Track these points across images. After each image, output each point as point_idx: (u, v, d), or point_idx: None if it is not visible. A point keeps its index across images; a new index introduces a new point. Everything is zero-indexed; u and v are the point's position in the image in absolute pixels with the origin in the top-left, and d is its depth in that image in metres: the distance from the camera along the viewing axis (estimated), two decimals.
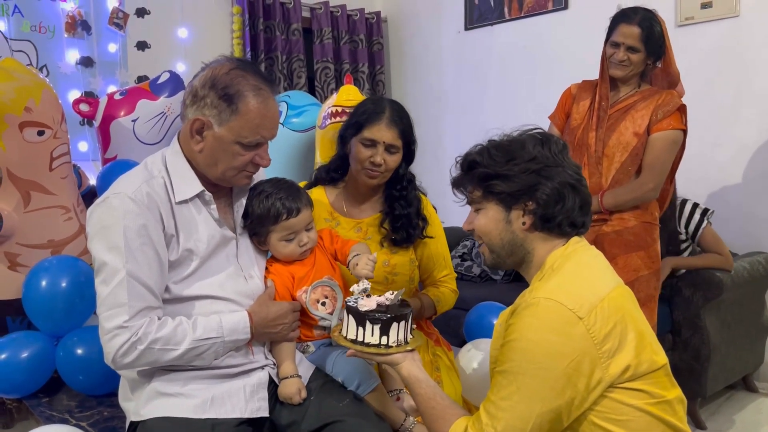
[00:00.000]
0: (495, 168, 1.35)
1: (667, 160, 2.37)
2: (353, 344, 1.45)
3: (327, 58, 4.74)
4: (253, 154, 1.52)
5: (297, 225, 1.63)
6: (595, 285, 1.28)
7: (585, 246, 1.38)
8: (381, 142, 1.86)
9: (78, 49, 3.76)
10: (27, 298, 1.92)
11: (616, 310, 1.25)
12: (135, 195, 1.45)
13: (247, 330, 1.54)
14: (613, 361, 1.22)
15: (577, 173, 1.36)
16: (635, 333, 1.26)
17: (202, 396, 1.49)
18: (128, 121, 2.38)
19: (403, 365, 1.43)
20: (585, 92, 2.51)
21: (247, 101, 1.47)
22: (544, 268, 1.33)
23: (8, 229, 1.96)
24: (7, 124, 1.92)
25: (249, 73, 1.50)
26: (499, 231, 1.37)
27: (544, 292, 1.25)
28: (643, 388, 1.24)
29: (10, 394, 1.92)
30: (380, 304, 1.47)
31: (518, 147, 1.35)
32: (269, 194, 1.62)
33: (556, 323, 1.21)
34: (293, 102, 2.66)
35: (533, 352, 1.21)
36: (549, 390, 1.20)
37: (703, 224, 2.96)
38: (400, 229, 1.93)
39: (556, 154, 1.35)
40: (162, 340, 1.43)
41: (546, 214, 1.32)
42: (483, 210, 1.39)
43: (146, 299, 1.43)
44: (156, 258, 1.45)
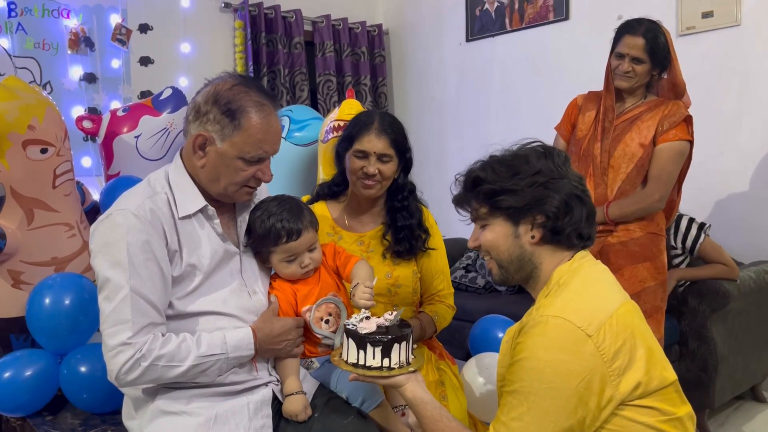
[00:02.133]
0: (500, 183, 1.34)
1: (673, 171, 2.36)
2: (355, 368, 1.44)
3: (329, 71, 4.76)
4: (255, 169, 1.52)
5: (297, 248, 1.62)
6: (603, 301, 1.27)
7: (591, 261, 1.37)
8: (372, 153, 1.87)
9: (81, 65, 3.79)
10: (30, 316, 1.92)
11: (625, 327, 1.24)
12: (138, 211, 1.45)
13: (251, 346, 1.53)
14: (624, 379, 1.20)
15: (581, 184, 1.35)
16: (645, 349, 1.24)
17: (205, 414, 1.49)
18: (131, 137, 2.39)
19: (406, 387, 1.42)
20: (591, 103, 2.51)
21: (250, 117, 1.47)
22: (550, 283, 1.32)
23: (11, 247, 1.96)
24: (11, 142, 1.92)
25: (252, 89, 1.51)
26: (508, 246, 1.36)
27: (552, 310, 1.24)
28: (653, 405, 1.22)
29: (14, 413, 1.91)
30: (380, 325, 1.46)
31: (522, 161, 1.35)
32: (271, 214, 1.61)
33: (566, 342, 1.20)
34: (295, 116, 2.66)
35: (543, 372, 1.20)
36: (560, 409, 1.19)
37: (700, 238, 2.94)
38: (403, 241, 1.92)
39: (560, 166, 1.34)
40: (166, 357, 1.42)
41: (555, 227, 1.32)
42: (489, 226, 1.38)
43: (150, 315, 1.42)
44: (159, 274, 1.45)
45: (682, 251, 2.98)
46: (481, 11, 4.51)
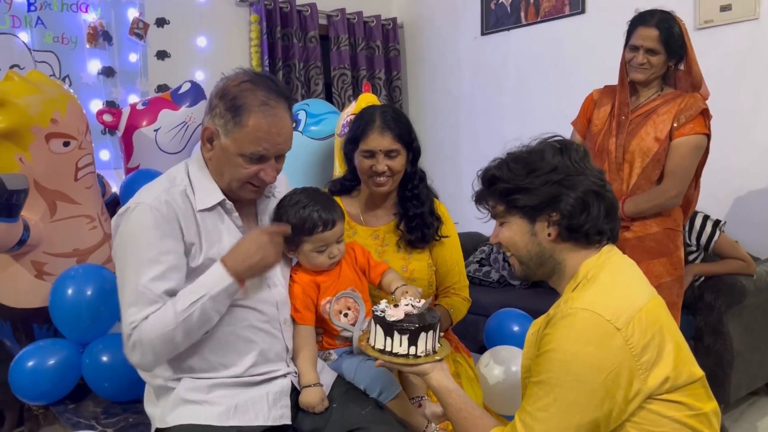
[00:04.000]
0: (515, 182, 1.34)
1: (690, 166, 2.35)
2: (381, 354, 1.46)
3: (344, 65, 4.77)
4: (258, 168, 1.53)
5: (330, 238, 1.65)
6: (632, 295, 1.27)
7: (618, 255, 1.37)
8: (379, 150, 1.88)
9: (100, 59, 3.82)
10: (53, 307, 1.96)
11: (654, 321, 1.24)
12: (154, 204, 1.48)
13: (225, 274, 1.48)
14: (652, 373, 1.21)
15: (601, 179, 1.35)
16: (673, 344, 1.25)
17: (226, 403, 1.51)
18: (150, 130, 2.42)
19: (432, 375, 1.43)
20: (606, 97, 2.50)
21: (251, 115, 1.48)
22: (577, 277, 1.32)
23: (35, 239, 2.00)
24: (34, 135, 1.96)
25: (260, 87, 1.50)
26: (525, 243, 1.37)
27: (580, 303, 1.24)
28: (681, 400, 1.23)
29: (37, 401, 1.96)
30: (408, 313, 1.47)
31: (538, 158, 1.35)
32: (306, 205, 1.63)
33: (594, 334, 1.21)
34: (312, 110, 2.68)
35: (571, 364, 1.21)
36: (587, 402, 1.19)
37: (716, 235, 2.93)
38: (415, 229, 1.94)
39: (577, 161, 1.34)
40: (154, 329, 1.44)
41: (571, 225, 1.31)
42: (507, 223, 1.39)
43: (155, 307, 1.45)
44: (175, 266, 1.48)
45: (696, 248, 2.97)
46: (496, 5, 4.50)
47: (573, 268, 1.34)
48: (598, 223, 1.32)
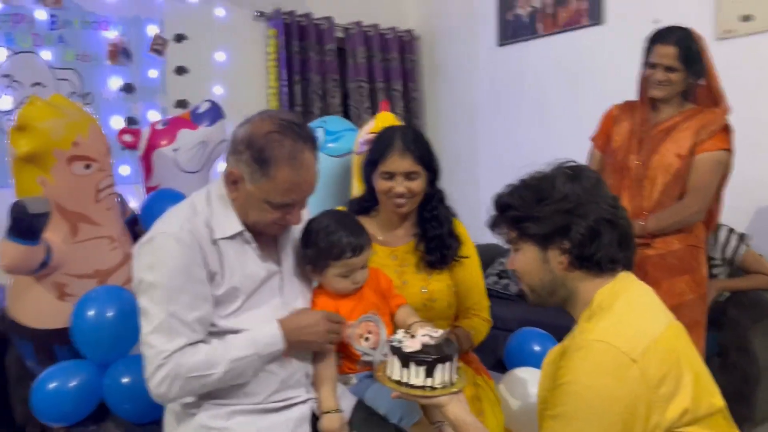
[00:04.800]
0: (526, 210, 1.33)
1: (712, 181, 2.32)
2: (398, 386, 1.45)
3: (361, 77, 4.77)
4: (284, 213, 1.54)
5: (357, 264, 1.65)
6: (648, 325, 1.25)
7: (634, 282, 1.35)
8: (398, 173, 1.87)
9: (120, 75, 3.87)
10: (75, 328, 1.97)
11: (670, 352, 1.22)
12: (178, 234, 1.49)
13: (280, 341, 1.54)
14: (671, 405, 1.19)
15: (614, 206, 1.33)
16: (692, 375, 1.22)
17: (246, 431, 1.51)
18: (170, 150, 2.44)
19: (449, 408, 1.42)
20: (626, 114, 2.48)
21: (279, 168, 1.47)
22: (592, 306, 1.31)
23: (57, 260, 2.02)
24: (56, 158, 1.98)
25: (287, 137, 1.49)
26: (538, 271, 1.35)
27: (595, 334, 1.23)
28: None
29: (59, 422, 1.97)
30: (425, 344, 1.45)
31: (549, 186, 1.33)
32: (335, 230, 1.63)
33: (609, 366, 1.19)
34: (330, 127, 2.69)
35: (586, 397, 1.19)
36: None
37: (741, 249, 2.89)
38: (435, 251, 1.93)
39: (588, 189, 1.32)
40: (198, 368, 1.45)
41: (582, 254, 1.30)
42: (520, 250, 1.38)
43: (186, 335, 1.46)
44: (200, 295, 1.48)
45: (721, 262, 2.93)
46: (514, 15, 4.48)
47: (587, 297, 1.32)
48: (610, 251, 1.30)
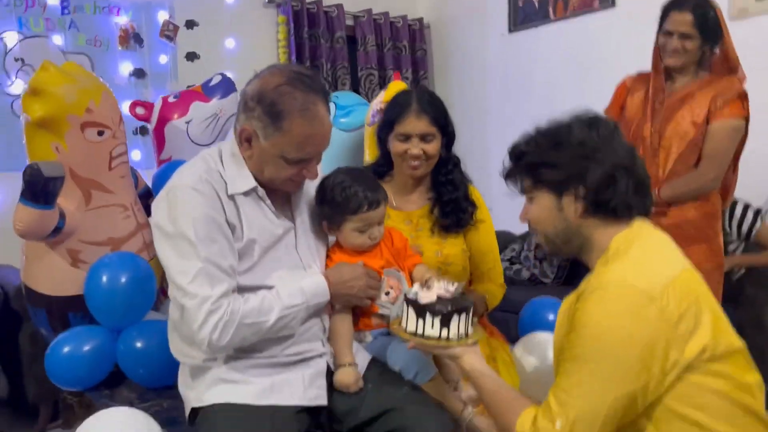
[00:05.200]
0: (542, 156, 1.32)
1: (728, 149, 2.30)
2: (413, 337, 1.44)
3: (371, 65, 4.78)
4: (300, 168, 1.53)
5: (374, 218, 1.64)
6: (665, 265, 1.24)
7: (650, 228, 1.33)
8: (414, 134, 1.86)
9: (131, 61, 3.89)
10: (89, 293, 1.97)
11: (689, 291, 1.21)
12: (197, 185, 1.48)
13: (326, 292, 1.56)
14: (690, 343, 1.17)
15: (631, 154, 1.31)
16: (711, 314, 1.21)
17: (262, 383, 1.51)
18: (182, 123, 2.44)
19: (464, 358, 1.41)
20: (640, 84, 2.46)
21: (292, 121, 1.46)
22: (608, 252, 1.29)
23: (70, 226, 2.02)
24: (70, 124, 1.98)
25: (298, 89, 1.48)
26: (552, 219, 1.34)
27: (612, 275, 1.22)
28: (721, 370, 1.19)
29: (73, 387, 1.97)
30: (441, 296, 1.45)
31: (565, 132, 1.32)
32: (351, 184, 1.62)
33: (627, 306, 1.17)
34: (341, 102, 2.68)
35: (605, 338, 1.17)
36: (623, 375, 1.16)
37: (757, 224, 2.86)
38: (450, 214, 1.92)
39: (605, 136, 1.30)
40: (253, 314, 1.46)
41: (598, 199, 1.28)
42: (535, 199, 1.36)
43: (226, 281, 1.45)
44: (227, 243, 1.47)
45: (737, 237, 2.90)
46: (524, 1, 4.47)
47: (602, 244, 1.30)
48: (626, 198, 1.29)
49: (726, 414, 1.19)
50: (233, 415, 1.45)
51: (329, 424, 1.59)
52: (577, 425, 1.18)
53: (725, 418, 1.18)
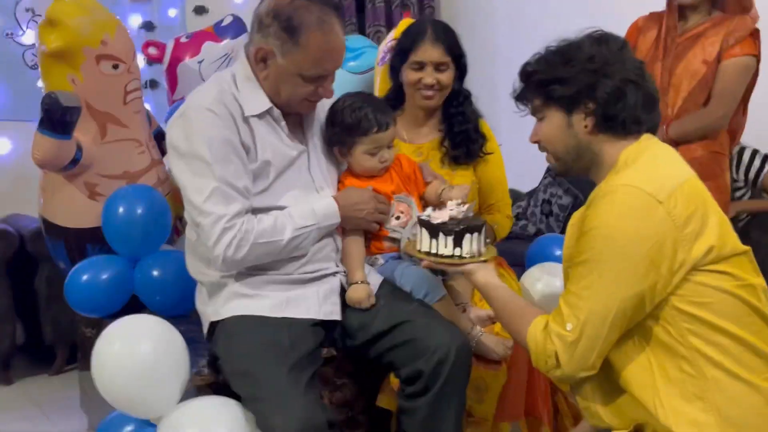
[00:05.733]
0: (552, 72, 1.34)
1: (737, 88, 2.30)
2: (427, 256, 1.47)
3: (379, 23, 4.75)
4: (316, 86, 1.55)
5: (384, 140, 1.67)
6: (673, 171, 1.27)
7: (658, 141, 1.36)
8: (429, 62, 1.88)
9: (140, 13, 3.90)
10: (106, 223, 2.01)
11: (696, 195, 1.24)
12: (212, 106, 1.50)
13: (337, 214, 1.60)
14: (696, 243, 1.20)
15: (640, 69, 1.33)
16: (717, 217, 1.24)
17: (278, 297, 1.56)
18: (194, 62, 2.46)
19: (477, 274, 1.44)
20: (652, 23, 2.46)
21: (309, 35, 1.48)
22: (617, 165, 1.32)
23: (87, 159, 2.06)
24: (85, 56, 2.01)
25: (313, 2, 1.50)
26: (563, 137, 1.36)
27: (621, 180, 1.24)
28: (726, 270, 1.22)
29: (92, 313, 2.02)
30: (453, 216, 1.48)
31: (575, 49, 1.33)
32: (361, 106, 1.65)
33: (636, 208, 1.20)
34: (350, 45, 2.67)
35: (614, 238, 1.20)
36: (631, 274, 1.19)
37: (764, 169, 2.87)
38: (460, 145, 1.95)
39: (615, 51, 1.32)
40: (266, 233, 1.49)
41: (607, 113, 1.30)
42: (545, 118, 1.38)
43: (240, 201, 1.49)
44: (242, 164, 1.51)
45: (744, 184, 2.91)
46: None
47: (612, 158, 1.33)
48: (635, 112, 1.30)
49: (731, 312, 1.22)
50: (251, 326, 1.51)
51: (342, 339, 1.64)
52: (587, 326, 1.21)
53: (730, 316, 1.21)
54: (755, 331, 1.23)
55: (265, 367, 1.43)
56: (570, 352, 1.22)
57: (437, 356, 1.49)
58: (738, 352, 1.21)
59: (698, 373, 1.20)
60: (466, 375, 1.55)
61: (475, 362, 1.63)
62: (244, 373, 1.45)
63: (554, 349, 1.23)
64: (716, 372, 1.20)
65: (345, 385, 1.75)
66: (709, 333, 1.20)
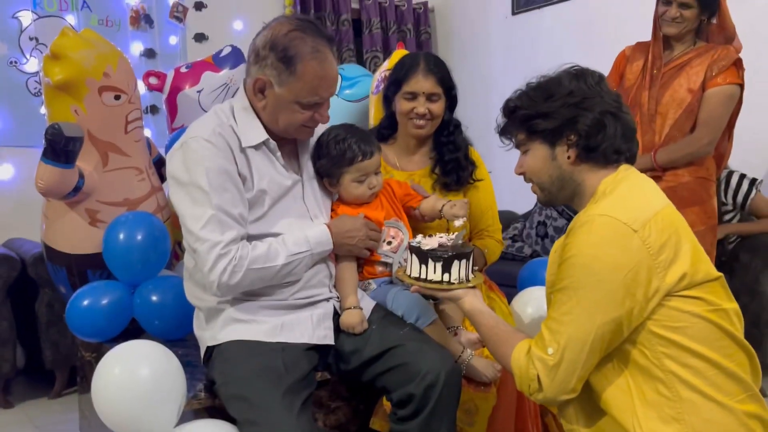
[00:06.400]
0: (534, 108, 1.40)
1: (722, 115, 2.37)
2: (417, 281, 1.52)
3: (376, 48, 4.85)
4: (312, 112, 1.61)
5: (369, 167, 1.73)
6: (648, 202, 1.32)
7: (635, 172, 1.42)
8: (421, 93, 1.95)
9: (141, 41, 3.99)
10: (107, 249, 2.06)
11: (670, 224, 1.29)
12: (211, 137, 1.56)
13: (329, 241, 1.65)
14: (670, 270, 1.25)
15: (617, 101, 1.39)
16: (690, 245, 1.29)
17: (272, 322, 1.60)
18: (194, 92, 2.53)
19: (465, 300, 1.49)
20: (639, 53, 2.54)
21: (305, 63, 1.55)
22: (596, 194, 1.38)
23: (89, 187, 2.11)
24: (88, 88, 2.07)
25: (308, 34, 1.57)
26: (547, 168, 1.43)
27: (597, 210, 1.30)
28: (699, 295, 1.27)
29: (93, 338, 2.05)
30: (442, 244, 1.53)
31: (555, 84, 1.40)
32: (345, 138, 1.72)
33: (612, 237, 1.25)
34: (346, 74, 2.76)
35: (591, 266, 1.25)
36: (609, 301, 1.24)
37: (752, 193, 2.93)
38: (451, 172, 2.01)
39: (593, 85, 1.38)
40: (260, 259, 1.54)
41: (589, 144, 1.37)
42: (530, 151, 1.45)
43: (236, 229, 1.54)
44: (238, 193, 1.56)
45: (732, 207, 2.97)
46: None
47: (592, 188, 1.39)
48: (615, 142, 1.37)
49: (704, 336, 1.26)
50: (246, 351, 1.55)
51: (336, 363, 1.68)
52: (567, 350, 1.26)
53: (703, 340, 1.26)
54: (728, 354, 1.28)
55: (260, 391, 1.46)
56: (551, 376, 1.27)
57: (427, 380, 1.53)
58: (712, 375, 1.25)
59: (674, 395, 1.24)
60: (456, 398, 1.59)
61: (465, 385, 1.67)
62: (239, 397, 1.48)
63: (536, 373, 1.28)
64: (692, 394, 1.24)
65: (339, 408, 1.79)
66: (684, 356, 1.25)
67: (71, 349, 2.89)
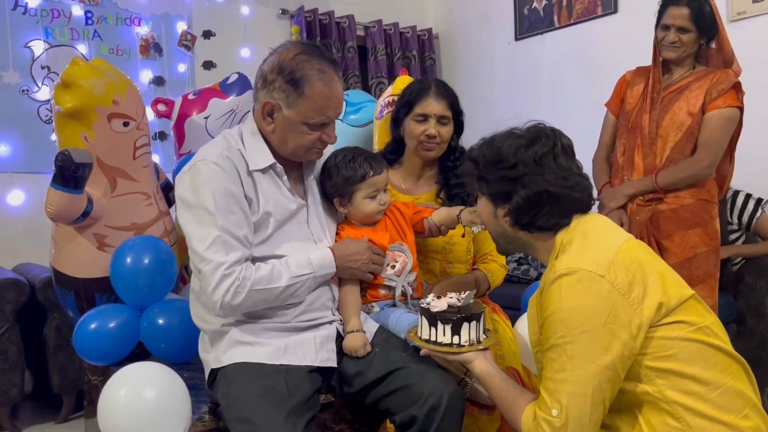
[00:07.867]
0: (481, 170, 1.44)
1: (722, 137, 2.38)
2: (426, 344, 1.51)
3: (381, 74, 4.92)
4: (320, 133, 1.65)
5: (380, 182, 1.77)
6: (605, 244, 1.33)
7: (587, 217, 1.42)
8: (432, 115, 1.99)
9: (151, 69, 4.07)
10: (114, 273, 2.09)
11: (632, 260, 1.31)
12: (218, 160, 1.60)
13: (333, 264, 1.67)
14: (644, 304, 1.27)
15: (564, 177, 1.37)
16: (656, 274, 1.31)
17: (275, 344, 1.61)
18: (201, 118, 2.58)
19: (475, 363, 1.48)
20: (639, 77, 2.57)
21: (312, 85, 1.59)
22: (555, 249, 1.40)
23: (97, 212, 2.15)
24: (98, 115, 2.12)
25: (313, 57, 1.62)
26: (492, 223, 1.48)
27: (562, 266, 1.31)
28: (680, 318, 1.28)
29: (100, 361, 2.07)
30: (451, 305, 1.52)
31: (507, 150, 1.39)
32: (354, 156, 1.76)
33: (583, 287, 1.27)
34: (351, 99, 2.80)
35: (571, 319, 1.27)
36: (597, 348, 1.25)
37: (757, 213, 2.94)
38: (455, 198, 2.03)
39: (541, 155, 1.37)
40: (263, 281, 1.56)
41: (519, 220, 1.40)
42: (479, 201, 1.51)
43: (240, 250, 1.56)
44: (244, 216, 1.59)
45: (738, 227, 2.97)
46: (530, 9, 4.60)
47: (546, 246, 1.42)
48: (550, 219, 1.39)
49: (697, 356, 1.27)
50: (250, 373, 1.56)
51: (339, 386, 1.69)
52: (571, 408, 1.26)
53: (697, 360, 1.27)
54: (724, 369, 1.29)
55: (263, 413, 1.47)
56: None
57: (430, 402, 1.53)
58: (714, 397, 1.26)
59: (684, 425, 1.25)
60: (459, 421, 1.59)
61: (468, 407, 1.67)
62: (243, 419, 1.49)
63: None
64: (700, 421, 1.25)
65: (343, 431, 1.80)
66: (684, 383, 1.26)
67: (79, 374, 2.91)
